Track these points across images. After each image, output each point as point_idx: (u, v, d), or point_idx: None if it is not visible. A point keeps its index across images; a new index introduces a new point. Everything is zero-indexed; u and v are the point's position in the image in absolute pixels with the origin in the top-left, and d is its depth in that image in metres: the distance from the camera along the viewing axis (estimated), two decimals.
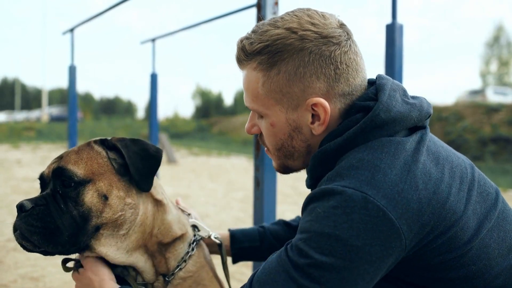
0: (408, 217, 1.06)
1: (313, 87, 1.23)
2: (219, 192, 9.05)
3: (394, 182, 1.08)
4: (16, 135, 27.99)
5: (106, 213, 1.38)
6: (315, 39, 1.21)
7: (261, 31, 1.26)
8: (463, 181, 1.20)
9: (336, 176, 1.13)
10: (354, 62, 1.25)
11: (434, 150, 1.22)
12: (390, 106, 1.20)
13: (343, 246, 1.04)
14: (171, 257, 1.52)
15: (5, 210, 6.65)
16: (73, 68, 6.11)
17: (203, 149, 22.78)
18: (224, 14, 4.53)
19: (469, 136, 17.41)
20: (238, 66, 1.35)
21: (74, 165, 1.39)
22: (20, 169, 12.18)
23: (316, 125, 1.26)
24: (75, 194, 1.36)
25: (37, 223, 1.33)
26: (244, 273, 4.04)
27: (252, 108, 1.33)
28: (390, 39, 2.85)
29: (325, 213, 1.07)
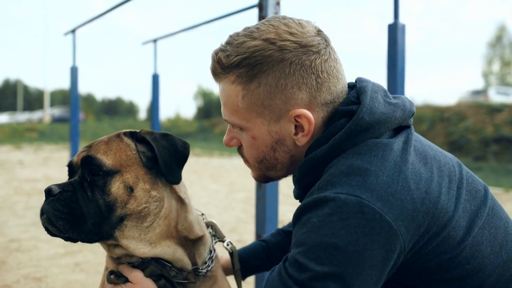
0: (404, 218, 1.05)
1: (295, 98, 1.21)
2: (221, 193, 9.05)
3: (387, 183, 1.07)
4: (18, 136, 28.01)
5: (131, 205, 1.39)
6: (295, 49, 1.19)
7: (237, 43, 1.22)
8: (452, 180, 1.20)
9: (327, 185, 1.11)
10: (334, 69, 1.24)
11: (421, 149, 1.21)
12: (373, 108, 1.19)
13: (343, 253, 1.02)
14: (197, 253, 1.53)
15: (7, 211, 6.66)
16: (74, 69, 6.12)
17: (205, 150, 22.79)
18: (226, 15, 4.53)
19: (472, 136, 17.38)
20: (214, 79, 1.31)
21: (103, 155, 1.41)
22: (22, 170, 12.20)
23: (300, 136, 1.24)
24: (103, 183, 1.38)
25: (64, 209, 1.35)
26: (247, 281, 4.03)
27: (231, 122, 1.30)
28: (392, 39, 2.84)
29: (320, 222, 1.05)
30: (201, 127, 36.65)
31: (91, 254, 4.49)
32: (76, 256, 4.44)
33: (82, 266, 4.15)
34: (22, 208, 6.91)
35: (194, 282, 1.52)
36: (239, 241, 5.06)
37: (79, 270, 4.03)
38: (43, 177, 10.63)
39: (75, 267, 4.11)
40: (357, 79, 1.32)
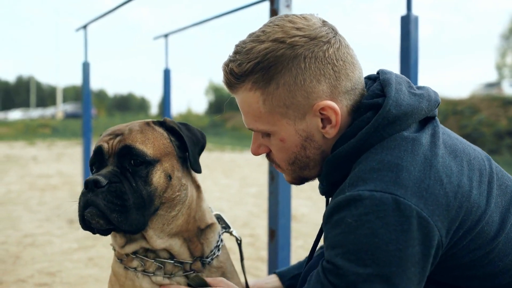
0: (439, 213, 1.04)
1: (316, 91, 1.19)
2: (233, 188, 9.06)
3: (420, 179, 1.05)
4: (32, 132, 28.26)
5: (167, 193, 1.41)
6: (305, 43, 1.17)
7: (246, 49, 1.21)
8: (482, 174, 1.18)
9: (358, 181, 1.08)
10: (348, 55, 1.22)
11: (449, 143, 1.19)
12: (399, 100, 1.17)
13: (385, 252, 1.00)
14: (205, 243, 1.54)
15: (21, 207, 6.72)
16: (86, 65, 6.14)
17: (216, 145, 22.81)
18: (237, 9, 4.51)
19: (485, 129, 17.21)
20: (230, 91, 1.29)
21: (142, 144, 1.41)
22: (36, 166, 12.30)
23: (328, 128, 1.22)
24: (145, 174, 1.38)
25: (117, 200, 1.33)
26: (259, 267, 4.04)
27: (256, 129, 1.28)
28: (405, 32, 2.81)
29: (357, 222, 1.03)
30: (213, 122, 36.70)
31: (104, 249, 4.51)
32: (90, 251, 4.46)
33: (95, 260, 4.17)
34: (36, 203, 6.96)
35: (201, 272, 1.52)
36: (252, 235, 5.06)
37: (93, 265, 4.05)
38: (56, 173, 10.71)
39: (88, 262, 4.13)
40: (380, 71, 1.30)
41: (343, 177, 1.20)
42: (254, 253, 4.47)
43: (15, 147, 19.20)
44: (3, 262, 4.15)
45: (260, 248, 4.62)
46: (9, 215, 6.15)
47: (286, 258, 2.74)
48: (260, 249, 4.58)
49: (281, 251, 2.69)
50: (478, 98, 20.38)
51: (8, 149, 18.11)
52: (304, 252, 4.53)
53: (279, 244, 2.68)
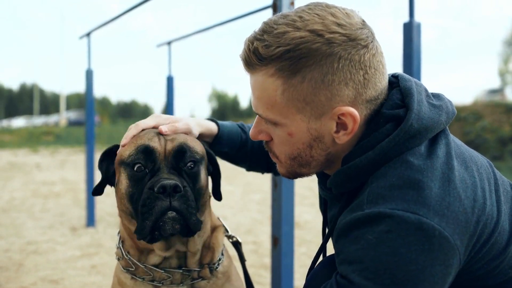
0: (460, 231, 1.02)
1: (341, 95, 1.12)
2: (236, 194, 9.04)
3: (441, 196, 1.02)
4: (35, 139, 28.30)
5: (205, 192, 1.46)
6: (344, 42, 1.09)
7: (278, 32, 1.11)
8: (490, 183, 1.16)
9: (378, 198, 1.05)
10: (381, 64, 1.16)
11: (459, 152, 1.16)
12: (421, 113, 1.13)
13: (405, 272, 0.98)
14: (215, 244, 1.54)
15: (24, 214, 6.72)
16: (90, 72, 6.16)
17: None
18: (240, 16, 4.52)
19: (488, 135, 17.17)
20: (246, 69, 1.21)
21: (192, 142, 1.44)
22: (39, 173, 12.31)
23: (341, 135, 1.16)
24: (196, 172, 1.41)
25: (192, 203, 1.34)
26: (262, 275, 4.02)
27: (265, 116, 1.21)
28: (408, 38, 2.81)
29: (377, 239, 1.00)
30: None
31: (107, 256, 4.51)
32: (93, 258, 4.46)
33: (98, 268, 4.17)
34: (39, 210, 6.97)
35: (208, 279, 1.50)
36: (255, 242, 5.05)
37: (96, 272, 4.05)
38: (60, 180, 10.72)
39: (91, 269, 4.13)
40: (400, 77, 1.24)
41: (356, 187, 1.17)
42: (257, 260, 4.45)
43: (19, 154, 19.23)
44: (6, 269, 4.15)
45: (263, 255, 4.60)
46: (13, 222, 6.15)
47: (290, 265, 2.73)
48: (263, 256, 4.57)
49: (285, 258, 2.69)
50: (481, 104, 20.35)
51: (11, 156, 18.14)
52: (308, 259, 4.52)
53: (282, 251, 2.67)
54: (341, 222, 1.10)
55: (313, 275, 1.31)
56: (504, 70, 41.50)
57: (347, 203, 1.21)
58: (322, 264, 1.32)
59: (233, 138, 1.70)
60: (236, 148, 1.71)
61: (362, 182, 1.16)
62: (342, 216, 1.13)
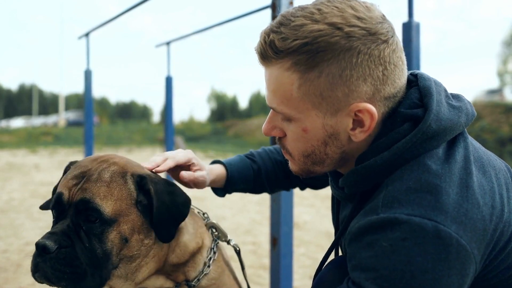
0: (477, 239, 0.99)
1: (358, 91, 1.08)
2: (235, 195, 9.02)
3: (458, 202, 0.99)
4: (34, 140, 28.29)
5: (124, 251, 1.32)
6: (363, 36, 1.06)
7: (295, 24, 1.08)
8: (509, 188, 1.12)
9: (393, 202, 1.01)
10: (400, 60, 1.12)
11: (477, 156, 1.12)
12: (440, 114, 1.09)
13: (421, 281, 0.95)
14: (191, 269, 1.46)
15: (23, 214, 6.71)
16: (88, 72, 6.15)
17: (218, 152, 22.79)
18: (238, 16, 4.52)
19: (487, 136, 17.18)
20: (261, 62, 1.17)
21: (103, 200, 1.28)
22: (38, 174, 12.30)
23: (358, 132, 1.13)
24: (100, 232, 1.28)
25: (66, 269, 1.23)
26: (261, 275, 4.02)
27: (280, 111, 1.17)
28: (407, 38, 2.81)
29: (392, 246, 0.97)
30: (215, 130, 36.71)
31: None
32: None
33: None
34: (38, 211, 6.95)
35: None
36: (254, 243, 5.04)
37: None
38: None
39: None
40: (419, 76, 1.20)
41: (370, 188, 1.14)
42: (256, 260, 4.44)
43: (18, 155, 19.21)
44: (5, 270, 4.14)
45: (262, 255, 4.60)
46: (11, 223, 6.14)
47: (288, 266, 2.72)
48: (262, 257, 4.56)
49: (283, 259, 2.68)
50: (480, 105, 20.34)
51: (10, 157, 18.12)
52: (307, 259, 4.51)
53: (281, 252, 2.67)
54: (355, 225, 1.07)
55: (321, 277, 1.28)
56: (503, 71, 41.50)
57: (360, 204, 1.18)
58: (330, 266, 1.29)
59: (245, 173, 1.72)
60: (251, 181, 1.73)
61: (376, 183, 1.13)
62: (355, 219, 1.09)
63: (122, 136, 32.08)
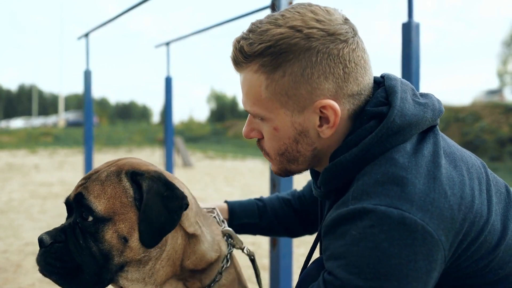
0: (444, 227, 1.02)
1: (321, 88, 1.15)
2: (235, 196, 9.04)
3: (425, 192, 1.03)
4: (34, 140, 28.31)
5: (128, 253, 1.28)
6: (322, 37, 1.13)
7: (261, 30, 1.16)
8: (481, 182, 1.16)
9: (362, 195, 1.06)
10: (362, 60, 1.18)
11: (449, 151, 1.17)
12: (404, 110, 1.14)
13: (387, 266, 0.98)
14: (207, 278, 1.44)
15: (23, 215, 6.71)
16: (88, 73, 6.16)
17: (218, 153, 22.82)
18: (238, 17, 4.52)
19: (487, 136, 17.20)
20: (235, 68, 1.26)
21: (96, 198, 1.27)
22: (38, 174, 12.30)
23: (325, 128, 1.18)
24: (94, 230, 1.26)
25: (56, 263, 1.25)
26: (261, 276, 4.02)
27: (253, 112, 1.24)
28: (407, 39, 2.81)
29: (361, 234, 1.01)
30: (215, 130, 36.74)
31: None
32: None
33: None
34: (38, 211, 6.96)
35: None
36: (254, 243, 5.04)
37: None
38: (58, 181, 10.72)
39: None
40: (385, 77, 1.26)
41: (343, 184, 1.18)
42: (256, 261, 4.43)
43: (17, 155, 19.23)
44: (4, 270, 4.14)
45: (262, 256, 4.60)
46: (11, 223, 6.14)
47: (288, 267, 2.72)
48: (262, 257, 4.56)
49: (283, 260, 2.68)
50: (480, 105, 20.39)
51: (10, 157, 18.14)
52: None
53: (281, 253, 2.67)
54: (328, 219, 1.12)
55: (305, 274, 1.32)
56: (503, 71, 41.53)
57: (335, 201, 1.22)
58: (314, 264, 1.32)
59: (247, 206, 1.78)
60: (255, 216, 1.77)
61: (349, 180, 1.17)
62: (329, 213, 1.14)
63: (121, 137, 32.12)
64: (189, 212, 1.38)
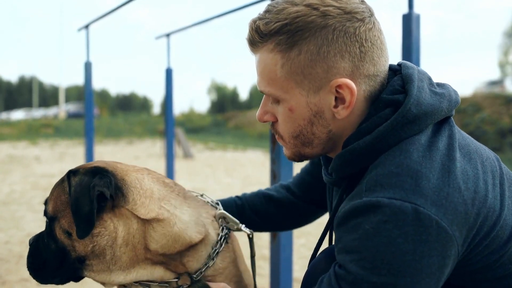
0: (458, 222, 1.01)
1: (337, 67, 1.13)
2: (235, 187, 9.06)
3: (439, 186, 1.01)
4: (34, 132, 28.33)
5: (78, 247, 1.34)
6: (338, 15, 1.11)
7: (277, 9, 1.14)
8: (495, 176, 1.14)
9: (376, 186, 1.04)
10: (378, 40, 1.16)
11: (463, 144, 1.15)
12: (420, 99, 1.12)
13: (401, 262, 0.97)
14: (191, 260, 1.44)
15: (24, 206, 6.74)
16: (88, 64, 6.15)
17: (219, 144, 22.83)
18: (238, 8, 4.51)
19: (488, 127, 17.19)
20: (251, 49, 1.24)
21: (49, 201, 1.41)
22: (39, 166, 12.33)
23: (340, 109, 1.16)
24: (50, 229, 1.39)
25: (29, 259, 1.42)
26: (261, 266, 4.04)
27: (268, 92, 1.22)
28: (407, 30, 2.80)
29: (374, 229, 1.00)
30: (215, 121, 36.73)
31: None
32: None
33: None
34: (39, 203, 6.98)
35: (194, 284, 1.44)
36: (254, 234, 5.03)
37: None
38: (59, 173, 10.73)
39: None
40: (402, 65, 1.25)
41: (356, 172, 1.17)
42: (257, 251, 4.46)
43: (18, 147, 19.24)
44: (7, 261, 4.16)
45: (262, 246, 4.62)
46: (13, 215, 6.17)
47: (288, 257, 2.74)
48: (262, 248, 4.59)
49: (283, 250, 2.70)
50: (481, 96, 20.35)
51: (11, 149, 18.16)
52: (307, 251, 4.53)
53: (281, 243, 2.68)
54: (341, 210, 1.10)
55: (314, 264, 1.30)
56: (504, 62, 41.43)
57: (347, 189, 1.21)
58: (323, 255, 1.31)
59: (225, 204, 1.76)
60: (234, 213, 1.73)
61: (362, 168, 1.15)
62: (342, 204, 1.12)
63: (122, 128, 32.10)
64: (146, 199, 1.39)
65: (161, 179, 1.49)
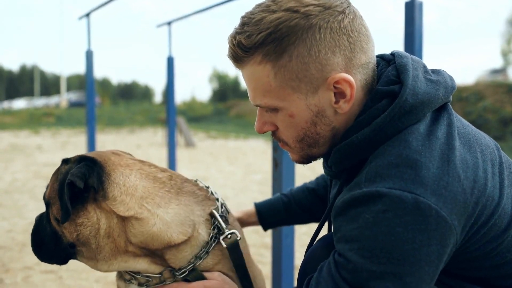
0: (457, 211, 1.01)
1: (330, 63, 1.12)
2: (237, 175, 9.07)
3: (438, 176, 1.02)
4: (36, 121, 28.35)
5: (66, 234, 1.40)
6: (320, 12, 1.10)
7: (255, 20, 1.12)
8: (494, 165, 1.14)
9: (375, 177, 1.05)
10: (363, 27, 1.16)
11: (463, 132, 1.15)
12: (416, 88, 1.12)
13: (401, 251, 0.98)
14: (173, 258, 1.42)
15: (27, 195, 6.76)
16: (90, 53, 6.13)
17: (220, 132, 22.84)
18: None
19: (490, 116, 17.16)
20: (235, 65, 1.21)
21: (48, 186, 1.47)
22: (41, 155, 12.35)
23: (342, 103, 1.15)
24: (46, 214, 1.47)
25: (32, 236, 1.51)
26: (263, 254, 4.06)
27: (265, 104, 1.20)
28: (410, 17, 2.78)
29: (374, 218, 1.00)
30: (217, 110, 36.69)
31: None
32: None
33: None
34: (41, 191, 7.00)
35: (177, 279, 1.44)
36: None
37: None
38: None
39: None
40: (396, 54, 1.24)
41: (355, 165, 1.17)
42: (259, 239, 4.49)
43: (20, 136, 19.28)
44: (10, 249, 4.19)
45: (264, 234, 4.64)
46: (15, 203, 6.19)
47: (290, 245, 2.75)
48: (264, 236, 4.60)
49: (285, 238, 2.70)
50: (483, 85, 20.27)
51: (13, 138, 18.19)
52: (308, 239, 4.54)
53: (283, 232, 2.69)
54: (340, 200, 1.11)
55: (311, 252, 1.31)
56: (507, 50, 41.20)
57: (346, 181, 1.21)
58: (321, 242, 1.32)
59: (273, 205, 1.83)
60: (281, 213, 1.82)
61: (361, 160, 1.16)
62: (341, 195, 1.13)
63: (124, 117, 32.11)
64: (126, 197, 1.38)
65: (153, 174, 1.46)
